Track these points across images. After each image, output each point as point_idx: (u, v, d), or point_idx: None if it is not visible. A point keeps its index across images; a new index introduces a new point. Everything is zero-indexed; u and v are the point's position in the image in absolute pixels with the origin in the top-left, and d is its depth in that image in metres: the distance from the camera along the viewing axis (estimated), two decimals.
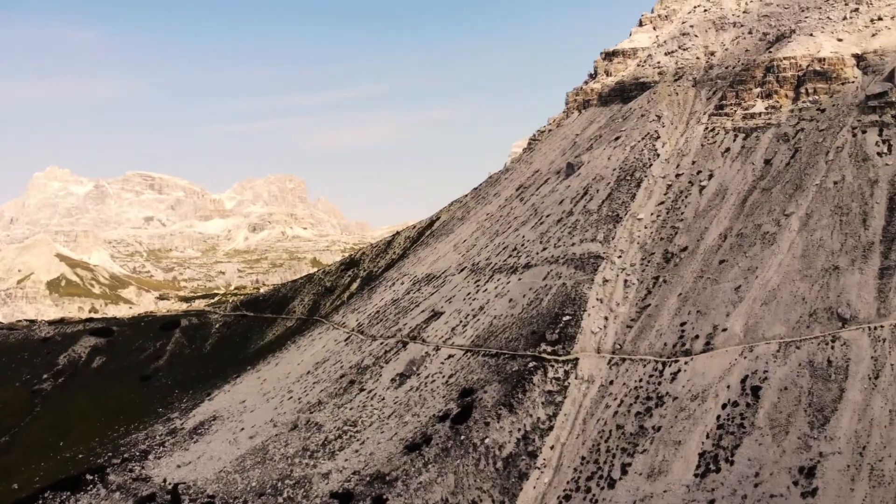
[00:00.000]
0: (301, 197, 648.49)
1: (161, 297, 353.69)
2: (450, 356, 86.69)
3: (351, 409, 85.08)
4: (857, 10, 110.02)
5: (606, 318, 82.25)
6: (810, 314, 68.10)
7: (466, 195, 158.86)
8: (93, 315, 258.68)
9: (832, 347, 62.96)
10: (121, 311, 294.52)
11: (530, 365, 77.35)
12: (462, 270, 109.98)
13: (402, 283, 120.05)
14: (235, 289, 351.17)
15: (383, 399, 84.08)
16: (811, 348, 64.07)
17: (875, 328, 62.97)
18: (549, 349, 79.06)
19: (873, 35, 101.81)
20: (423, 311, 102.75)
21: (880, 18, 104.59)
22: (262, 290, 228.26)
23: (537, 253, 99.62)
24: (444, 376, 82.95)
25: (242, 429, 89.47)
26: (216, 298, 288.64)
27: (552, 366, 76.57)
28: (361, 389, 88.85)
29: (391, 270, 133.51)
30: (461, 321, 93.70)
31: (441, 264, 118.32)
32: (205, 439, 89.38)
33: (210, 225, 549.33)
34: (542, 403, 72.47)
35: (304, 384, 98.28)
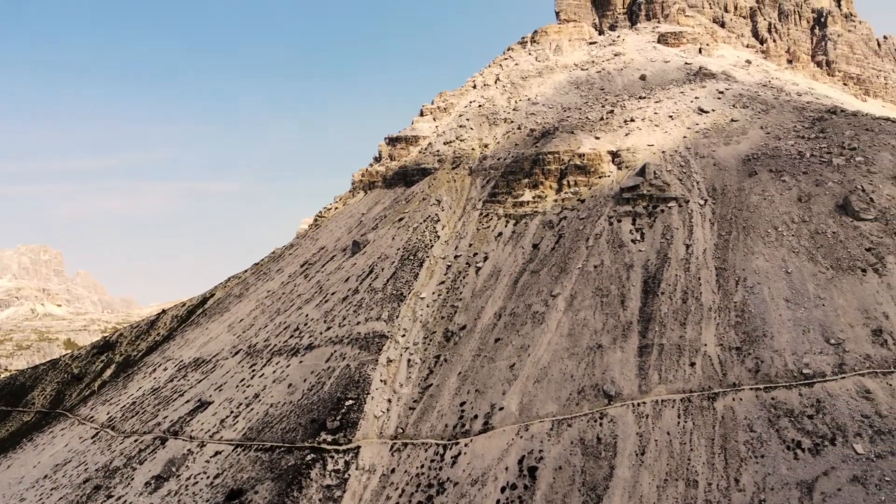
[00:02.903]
0: (57, 270, 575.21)
1: None
2: (217, 453, 77.62)
3: None
4: (612, 111, 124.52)
5: (390, 401, 79.46)
6: (579, 391, 71.05)
7: (246, 270, 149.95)
8: None
9: (601, 424, 65.74)
10: None
11: (308, 458, 71.49)
12: (237, 353, 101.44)
13: (166, 370, 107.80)
14: None
15: None
16: (582, 425, 66.38)
17: (638, 404, 67.05)
18: (331, 438, 73.99)
19: (626, 135, 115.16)
20: (187, 402, 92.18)
21: (632, 120, 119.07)
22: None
23: (321, 333, 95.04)
24: (209, 477, 73.66)
25: None
26: None
27: (332, 457, 71.45)
28: (109, 496, 76.08)
29: (153, 354, 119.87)
30: (232, 412, 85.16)
31: (212, 347, 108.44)
32: None
33: None
34: (320, 500, 66.73)
35: (39, 491, 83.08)
